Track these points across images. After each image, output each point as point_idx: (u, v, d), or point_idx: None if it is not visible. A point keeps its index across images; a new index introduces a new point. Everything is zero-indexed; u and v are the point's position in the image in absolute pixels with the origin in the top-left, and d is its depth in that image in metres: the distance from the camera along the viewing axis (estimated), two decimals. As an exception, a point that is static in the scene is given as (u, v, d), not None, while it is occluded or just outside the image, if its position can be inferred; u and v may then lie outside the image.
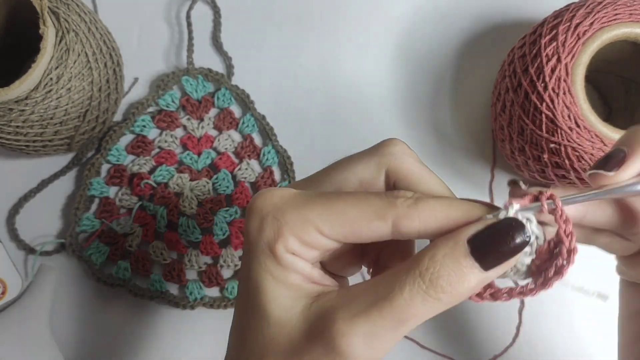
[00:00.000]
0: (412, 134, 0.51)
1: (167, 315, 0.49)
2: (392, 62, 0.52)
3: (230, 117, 0.50)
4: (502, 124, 0.44)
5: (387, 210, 0.24)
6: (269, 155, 0.50)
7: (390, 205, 0.24)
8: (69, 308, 0.48)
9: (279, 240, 0.24)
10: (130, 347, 0.48)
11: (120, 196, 0.49)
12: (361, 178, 0.27)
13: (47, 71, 0.40)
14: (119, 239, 0.48)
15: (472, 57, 0.51)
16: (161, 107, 0.50)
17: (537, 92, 0.40)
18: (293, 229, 0.24)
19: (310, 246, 0.24)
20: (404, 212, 0.24)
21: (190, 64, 0.50)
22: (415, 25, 0.52)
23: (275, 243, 0.24)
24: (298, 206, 0.24)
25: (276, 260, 0.24)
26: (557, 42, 0.40)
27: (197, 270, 0.49)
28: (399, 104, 0.51)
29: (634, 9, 0.40)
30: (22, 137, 0.43)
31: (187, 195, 0.48)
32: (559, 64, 0.39)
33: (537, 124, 0.40)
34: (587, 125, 0.39)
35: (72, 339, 0.48)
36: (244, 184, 0.49)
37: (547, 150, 0.40)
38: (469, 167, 0.50)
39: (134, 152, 0.49)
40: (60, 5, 0.42)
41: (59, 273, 0.48)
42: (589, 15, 0.40)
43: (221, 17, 0.52)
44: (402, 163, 0.27)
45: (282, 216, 0.24)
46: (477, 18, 0.52)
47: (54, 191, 0.50)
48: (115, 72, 0.46)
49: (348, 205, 0.24)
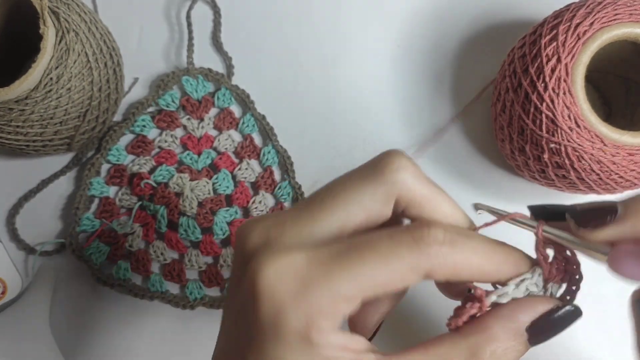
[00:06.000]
0: (412, 133, 0.51)
1: (167, 315, 0.49)
2: (392, 62, 0.52)
3: (230, 117, 0.50)
4: (502, 124, 0.44)
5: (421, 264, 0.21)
6: (269, 155, 0.50)
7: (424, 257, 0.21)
8: (69, 308, 0.48)
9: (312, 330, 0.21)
10: (130, 347, 0.48)
11: (120, 196, 0.49)
12: (368, 211, 0.24)
13: (47, 71, 0.40)
14: (119, 239, 0.48)
15: (472, 57, 0.51)
16: (161, 107, 0.50)
17: (537, 92, 0.40)
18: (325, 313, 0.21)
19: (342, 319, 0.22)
20: (439, 264, 0.21)
21: (190, 63, 0.50)
22: (415, 25, 0.52)
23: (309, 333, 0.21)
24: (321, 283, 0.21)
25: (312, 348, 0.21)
26: (557, 42, 0.40)
27: (197, 270, 0.49)
28: (399, 103, 0.51)
29: (634, 9, 0.40)
30: (22, 137, 0.43)
31: (187, 195, 0.48)
32: (559, 64, 0.39)
33: (537, 124, 0.40)
34: (587, 126, 0.39)
35: (72, 339, 0.48)
36: (244, 184, 0.49)
37: (547, 150, 0.40)
38: (469, 167, 0.50)
39: (134, 152, 0.49)
40: (60, 5, 0.42)
41: (59, 273, 0.48)
42: (589, 15, 0.40)
43: (221, 17, 0.52)
44: (414, 192, 0.24)
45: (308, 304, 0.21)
46: (477, 18, 0.52)
47: (54, 191, 0.50)
48: (115, 72, 0.46)
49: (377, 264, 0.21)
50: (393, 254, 0.21)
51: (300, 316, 0.20)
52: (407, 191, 0.24)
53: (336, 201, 0.23)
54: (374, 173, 0.24)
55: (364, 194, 0.23)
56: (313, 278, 0.21)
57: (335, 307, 0.21)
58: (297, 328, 0.21)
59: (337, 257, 0.21)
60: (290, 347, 0.21)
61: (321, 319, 0.21)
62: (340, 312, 0.21)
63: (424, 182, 0.24)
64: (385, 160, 0.24)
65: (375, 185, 0.24)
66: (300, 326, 0.20)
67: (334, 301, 0.21)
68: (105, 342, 0.48)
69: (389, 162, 0.24)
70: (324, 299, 0.21)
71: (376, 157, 0.25)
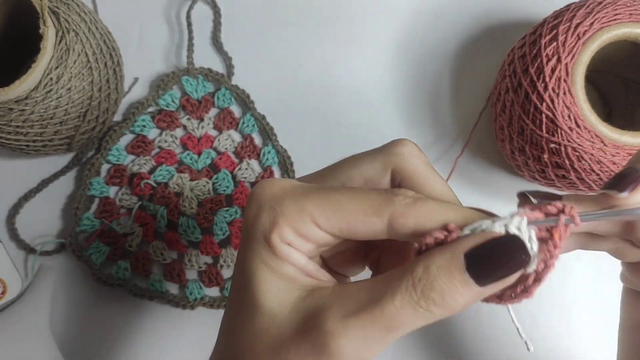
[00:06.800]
0: (412, 133, 0.51)
1: (167, 315, 0.49)
2: (392, 62, 0.52)
3: (230, 117, 0.50)
4: (502, 124, 0.44)
5: (384, 206, 0.23)
6: (269, 155, 0.50)
7: (388, 202, 0.23)
8: (69, 308, 0.48)
9: (275, 229, 0.23)
10: (130, 347, 0.48)
11: (120, 196, 0.49)
12: (366, 176, 0.27)
13: (47, 71, 0.40)
14: (119, 239, 0.48)
15: (472, 57, 0.51)
16: (161, 107, 0.50)
17: (537, 92, 0.40)
18: (289, 219, 0.23)
19: (306, 238, 0.24)
20: (400, 210, 0.23)
21: (190, 64, 0.50)
22: (416, 25, 0.52)
23: (270, 232, 0.24)
24: (295, 197, 0.24)
25: (271, 249, 0.24)
26: (557, 42, 0.40)
27: (197, 270, 0.49)
28: (399, 103, 0.51)
29: (634, 9, 0.40)
30: (22, 137, 0.43)
31: (187, 195, 0.48)
32: (559, 64, 0.39)
33: (537, 124, 0.40)
34: (587, 126, 0.39)
35: (72, 339, 0.48)
36: (244, 184, 0.49)
37: (547, 151, 0.40)
38: (469, 167, 0.50)
39: (134, 152, 0.49)
40: (60, 5, 0.42)
41: (59, 273, 0.48)
42: (589, 16, 0.40)
43: (221, 17, 0.52)
44: (409, 164, 0.26)
45: (279, 206, 0.24)
46: (477, 18, 0.52)
47: (54, 191, 0.50)
48: (115, 72, 0.46)
49: (345, 198, 0.24)
50: (362, 195, 0.24)
51: (269, 215, 0.24)
52: (402, 163, 0.26)
53: (341, 167, 0.27)
54: (378, 149, 0.28)
55: (365, 161, 0.27)
56: (292, 192, 0.24)
57: (299, 220, 0.23)
58: (264, 227, 0.24)
59: (319, 188, 0.24)
60: (258, 245, 0.24)
61: (284, 224, 0.23)
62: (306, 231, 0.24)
63: (420, 160, 0.27)
64: (392, 141, 0.28)
65: (375, 154, 0.27)
66: (267, 225, 0.24)
67: (299, 213, 0.23)
68: (105, 342, 0.48)
69: (394, 142, 0.27)
70: (292, 208, 0.24)
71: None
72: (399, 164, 0.26)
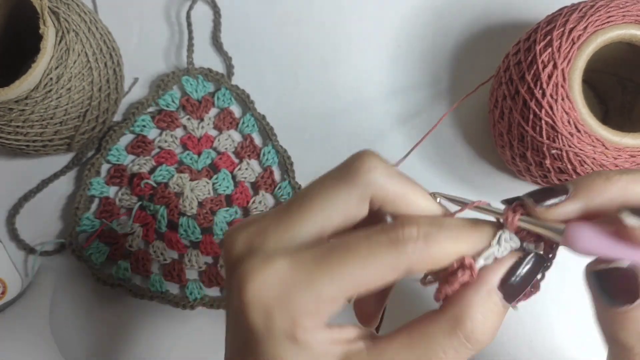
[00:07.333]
0: (412, 133, 0.51)
1: (167, 315, 0.49)
2: (392, 62, 0.52)
3: (230, 117, 0.50)
4: (502, 131, 0.43)
5: (400, 262, 0.22)
6: (269, 155, 0.50)
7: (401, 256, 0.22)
8: (69, 308, 0.48)
9: (298, 329, 0.22)
10: (130, 347, 0.48)
11: (120, 196, 0.49)
12: (345, 213, 0.25)
13: (47, 71, 0.40)
14: (119, 239, 0.48)
15: (471, 58, 0.51)
16: (161, 107, 0.50)
17: (536, 99, 0.40)
18: (309, 313, 0.22)
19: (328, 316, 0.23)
20: (416, 260, 0.22)
21: (190, 64, 0.50)
22: (415, 25, 0.52)
23: (295, 332, 0.22)
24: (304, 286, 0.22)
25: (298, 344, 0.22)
26: (552, 48, 0.39)
27: (197, 270, 0.49)
28: (399, 103, 0.51)
29: (626, 10, 0.40)
30: (22, 137, 0.43)
31: (187, 195, 0.48)
32: (556, 70, 0.39)
33: (538, 131, 0.40)
34: (587, 130, 0.39)
35: (72, 339, 0.48)
36: (244, 184, 0.49)
37: (548, 156, 0.40)
38: (470, 172, 0.50)
39: (134, 152, 0.49)
40: (60, 5, 0.42)
41: (59, 273, 0.48)
42: (582, 19, 0.39)
43: (221, 17, 0.52)
44: (385, 190, 0.24)
45: (293, 306, 0.22)
46: (477, 18, 0.52)
47: (54, 191, 0.50)
48: (115, 72, 0.46)
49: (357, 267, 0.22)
50: (371, 256, 0.22)
51: (286, 318, 0.22)
52: (380, 191, 0.24)
53: (314, 205, 0.24)
54: (347, 175, 0.25)
55: (339, 197, 0.24)
56: (296, 282, 0.22)
57: (318, 308, 0.22)
58: (284, 329, 0.22)
59: (318, 260, 0.23)
60: (281, 345, 0.22)
61: (305, 320, 0.22)
62: (324, 311, 0.23)
63: (395, 180, 0.25)
64: (357, 162, 0.25)
65: (350, 188, 0.24)
66: (287, 327, 0.22)
67: (316, 302, 0.22)
68: (105, 342, 0.48)
69: (360, 164, 0.25)
70: (307, 301, 0.22)
71: (348, 158, 0.25)
72: (376, 193, 0.25)
